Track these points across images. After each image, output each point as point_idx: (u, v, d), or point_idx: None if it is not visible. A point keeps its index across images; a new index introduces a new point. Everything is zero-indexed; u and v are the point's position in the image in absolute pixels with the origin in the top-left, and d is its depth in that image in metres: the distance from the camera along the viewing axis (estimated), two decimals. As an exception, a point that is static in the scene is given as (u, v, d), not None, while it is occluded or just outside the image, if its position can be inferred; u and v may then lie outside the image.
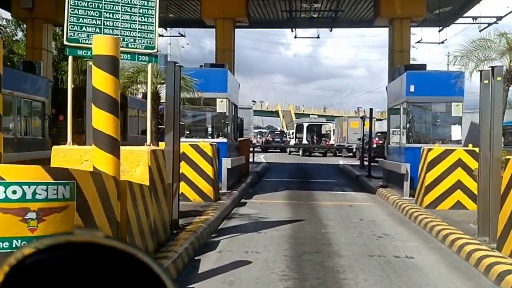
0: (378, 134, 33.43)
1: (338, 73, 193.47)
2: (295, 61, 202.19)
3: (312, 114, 70.25)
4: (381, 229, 9.78)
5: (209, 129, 14.62)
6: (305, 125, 40.84)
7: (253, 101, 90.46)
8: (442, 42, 23.59)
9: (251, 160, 28.15)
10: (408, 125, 13.63)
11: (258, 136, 58.32)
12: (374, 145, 32.99)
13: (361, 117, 24.34)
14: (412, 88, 13.23)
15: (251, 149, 28.52)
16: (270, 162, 30.37)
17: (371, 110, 19.95)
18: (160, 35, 24.90)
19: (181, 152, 11.61)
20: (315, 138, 41.38)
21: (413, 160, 13.08)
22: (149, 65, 7.26)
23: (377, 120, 44.55)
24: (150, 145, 7.11)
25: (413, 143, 13.55)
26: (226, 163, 13.29)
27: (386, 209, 12.52)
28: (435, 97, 13.39)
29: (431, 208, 11.21)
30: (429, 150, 11.38)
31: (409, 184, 12.96)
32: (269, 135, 48.71)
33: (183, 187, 11.53)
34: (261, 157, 35.75)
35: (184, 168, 11.52)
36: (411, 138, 13.68)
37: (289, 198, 14.28)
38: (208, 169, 11.59)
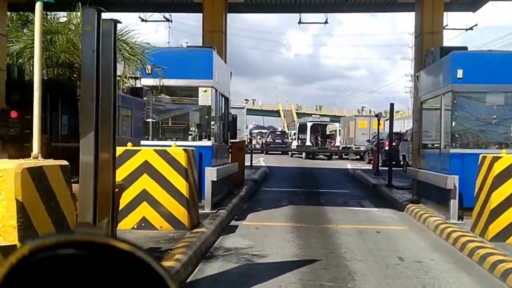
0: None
1: (339, 74, 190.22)
2: (296, 61, 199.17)
3: (315, 114, 67.20)
4: (438, 281, 6.40)
5: (190, 129, 11.22)
6: (309, 125, 37.44)
7: (245, 99, 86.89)
8: (471, 28, 20.22)
9: (248, 163, 24.80)
10: (453, 123, 10.22)
11: (258, 137, 54.98)
12: (386, 148, 29.81)
13: (376, 115, 20.91)
14: (459, 74, 9.85)
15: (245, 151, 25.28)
16: (270, 166, 27.00)
17: (392, 105, 16.56)
18: (142, 20, 21.57)
19: (143, 160, 8.29)
20: (319, 139, 37.98)
21: (460, 170, 9.74)
22: (37, 5, 3.91)
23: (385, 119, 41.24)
24: (37, 158, 3.72)
25: (460, 147, 10.17)
26: (211, 174, 9.92)
27: (428, 238, 9.14)
28: (492, 85, 10.00)
29: (499, 240, 7.83)
30: (496, 159, 7.99)
31: (457, 202, 9.61)
32: (270, 136, 45.19)
33: (146, 211, 8.18)
34: (260, 161, 32.41)
35: (148, 183, 8.18)
36: (457, 140, 10.28)
37: (295, 219, 10.90)
38: (181, 184, 8.20)
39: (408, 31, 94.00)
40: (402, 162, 25.36)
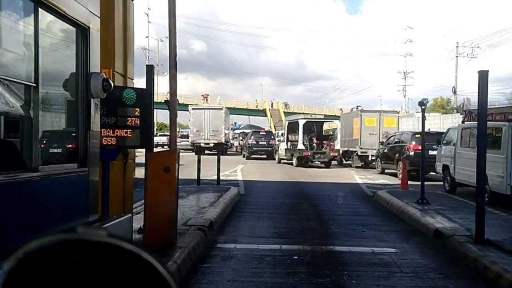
0: (417, 135, 21.83)
1: (324, 75, 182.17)
2: (282, 63, 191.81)
3: (304, 113, 59.67)
4: None
5: None
6: (301, 123, 29.01)
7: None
8: None
9: (213, 176, 16.39)
10: None
11: (240, 138, 46.70)
12: (411, 153, 21.49)
13: (421, 102, 12.40)
14: None
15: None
16: (248, 182, 18.63)
17: (483, 75, 8.13)
18: None
19: None
20: (314, 141, 29.58)
21: None
22: None
23: (398, 116, 32.88)
24: None
25: None
26: None
27: None
28: None
29: None
30: None
31: None
32: (252, 137, 36.64)
33: None
34: (237, 170, 24.08)
35: None
36: None
37: None
38: None
39: (400, 26, 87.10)
40: (440, 175, 17.06)
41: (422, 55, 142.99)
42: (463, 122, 15.77)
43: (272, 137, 37.50)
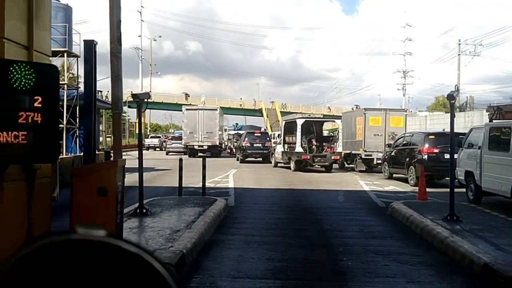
0: (430, 136, 19.47)
1: (321, 75, 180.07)
2: (278, 63, 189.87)
3: (302, 113, 57.46)
4: None
5: None
6: (299, 122, 26.56)
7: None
8: None
9: (198, 184, 14.02)
10: None
11: (234, 140, 44.36)
12: (425, 156, 19.14)
13: (449, 97, 9.97)
14: None
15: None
16: (240, 189, 16.27)
17: None
18: None
19: None
20: (314, 143, 27.17)
21: None
22: None
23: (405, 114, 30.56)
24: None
25: None
26: None
27: None
28: None
29: None
30: None
31: None
32: (246, 139, 34.19)
33: None
34: (229, 176, 21.71)
35: None
36: None
37: None
38: None
39: (399, 25, 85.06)
40: (462, 181, 14.67)
41: (422, 54, 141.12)
42: (490, 120, 13.40)
43: (268, 138, 35.13)
